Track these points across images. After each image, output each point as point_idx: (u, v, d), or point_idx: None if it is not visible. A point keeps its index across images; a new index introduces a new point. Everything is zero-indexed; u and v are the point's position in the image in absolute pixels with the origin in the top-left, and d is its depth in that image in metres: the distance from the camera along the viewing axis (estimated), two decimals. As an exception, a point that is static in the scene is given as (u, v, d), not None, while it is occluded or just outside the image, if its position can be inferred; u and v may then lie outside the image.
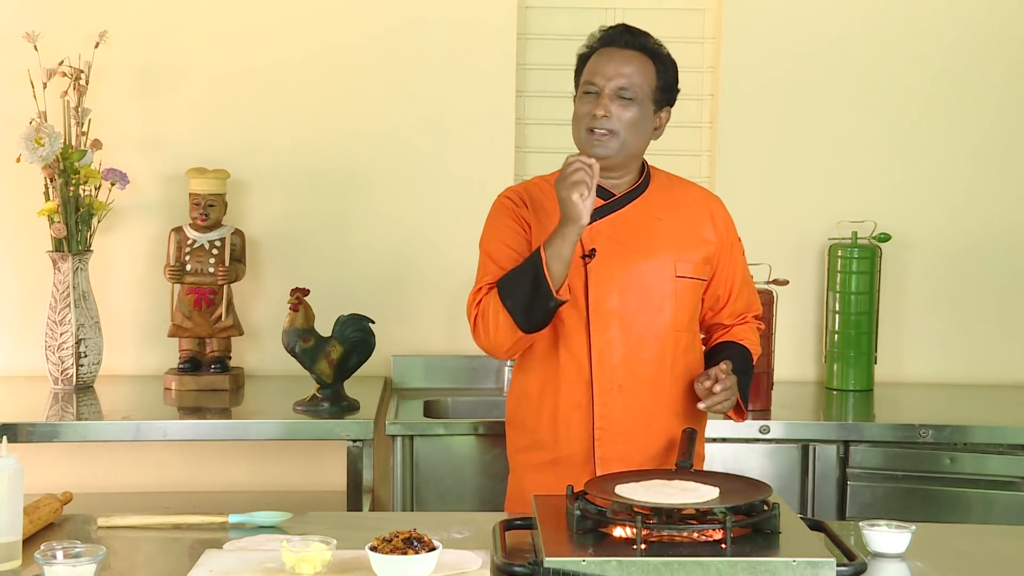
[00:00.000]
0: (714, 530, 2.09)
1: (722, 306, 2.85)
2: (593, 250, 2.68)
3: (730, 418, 2.78)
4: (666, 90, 2.74)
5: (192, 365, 3.73)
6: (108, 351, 3.76)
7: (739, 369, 2.73)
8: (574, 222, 2.53)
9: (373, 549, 2.05)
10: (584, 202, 2.52)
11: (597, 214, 2.67)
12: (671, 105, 2.78)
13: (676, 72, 2.77)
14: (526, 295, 2.59)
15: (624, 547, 2.07)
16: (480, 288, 2.72)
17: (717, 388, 2.61)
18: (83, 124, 3.68)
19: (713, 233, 2.78)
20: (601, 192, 2.70)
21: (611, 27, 2.78)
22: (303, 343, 3.40)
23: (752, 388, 3.52)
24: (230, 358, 3.79)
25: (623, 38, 2.72)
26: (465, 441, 3.47)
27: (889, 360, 4.04)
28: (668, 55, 2.76)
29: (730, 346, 2.82)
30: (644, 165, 2.80)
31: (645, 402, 2.69)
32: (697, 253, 2.75)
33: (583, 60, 2.77)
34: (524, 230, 2.75)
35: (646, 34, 2.75)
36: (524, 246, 2.73)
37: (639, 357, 2.69)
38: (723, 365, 2.66)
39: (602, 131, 2.66)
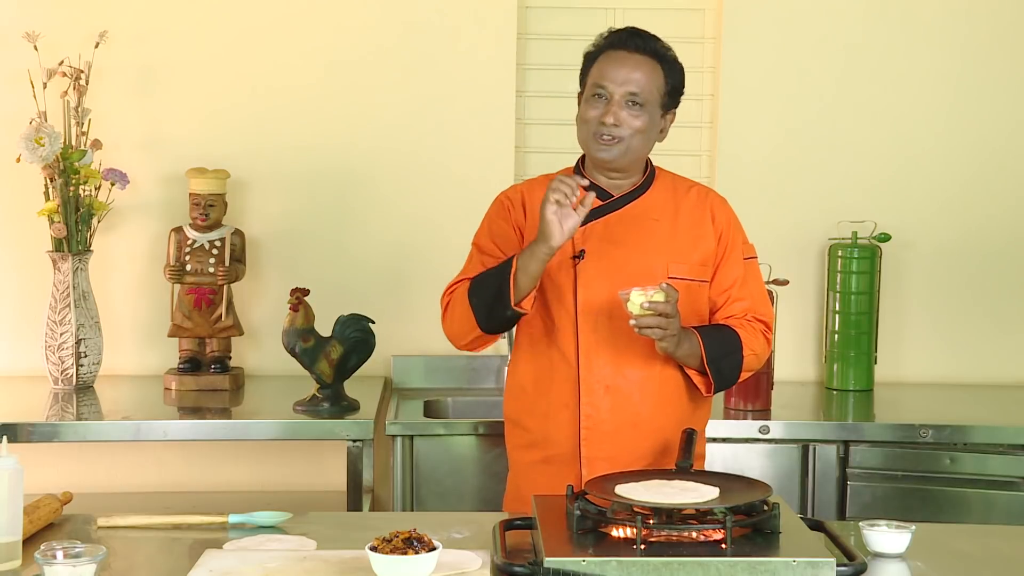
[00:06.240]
0: (714, 530, 2.09)
1: (717, 308, 2.75)
2: (583, 251, 2.68)
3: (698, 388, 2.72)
4: (673, 94, 2.74)
5: (192, 365, 3.73)
6: (108, 351, 3.76)
7: (716, 341, 2.65)
8: (545, 241, 2.54)
9: (373, 549, 2.05)
10: (563, 224, 2.51)
11: (593, 215, 2.66)
12: (676, 107, 2.78)
13: (683, 75, 2.77)
14: (490, 297, 2.63)
15: (624, 547, 2.07)
16: (460, 280, 2.77)
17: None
18: (83, 124, 3.68)
19: (712, 230, 2.75)
20: (601, 193, 2.71)
21: (620, 29, 2.74)
22: (303, 343, 3.40)
23: (752, 388, 3.53)
24: (230, 358, 3.79)
25: (633, 41, 2.69)
26: (465, 441, 3.47)
27: (889, 360, 4.04)
28: (676, 58, 2.75)
29: (718, 327, 2.73)
30: (649, 166, 2.79)
31: (633, 403, 2.68)
32: (694, 254, 2.72)
33: (590, 59, 2.74)
34: (515, 232, 2.77)
35: (655, 37, 2.73)
36: (513, 247, 2.74)
37: (627, 358, 2.67)
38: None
39: (608, 136, 2.66)
